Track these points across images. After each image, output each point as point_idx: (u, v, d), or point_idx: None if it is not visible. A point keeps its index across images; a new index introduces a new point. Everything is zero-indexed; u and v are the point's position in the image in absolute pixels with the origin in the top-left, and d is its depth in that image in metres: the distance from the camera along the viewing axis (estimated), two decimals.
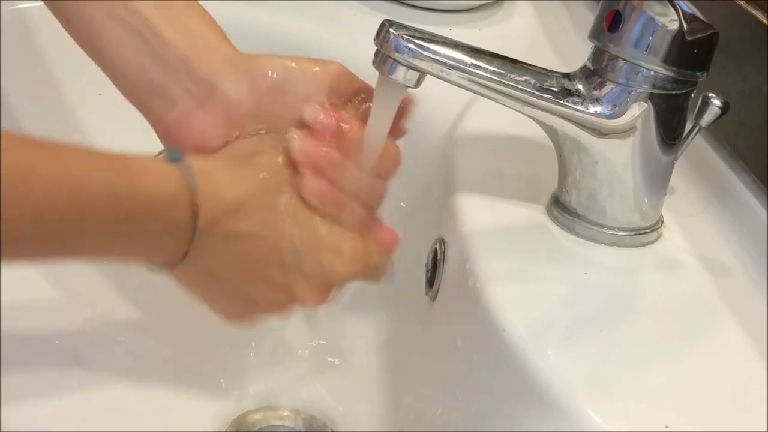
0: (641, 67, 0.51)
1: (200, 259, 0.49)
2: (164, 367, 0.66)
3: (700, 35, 0.50)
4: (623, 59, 0.51)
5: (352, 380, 0.67)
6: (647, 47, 0.50)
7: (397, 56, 0.51)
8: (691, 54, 0.51)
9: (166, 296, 0.70)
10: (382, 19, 0.52)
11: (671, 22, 0.50)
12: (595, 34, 0.52)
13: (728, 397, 0.45)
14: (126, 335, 0.67)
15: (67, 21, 0.54)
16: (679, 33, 0.50)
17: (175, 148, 0.48)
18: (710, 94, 0.53)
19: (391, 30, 0.51)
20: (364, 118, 0.53)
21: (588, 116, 0.52)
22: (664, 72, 0.51)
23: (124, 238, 0.46)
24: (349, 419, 0.64)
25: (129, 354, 0.66)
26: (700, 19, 0.50)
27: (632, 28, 0.50)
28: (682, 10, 0.50)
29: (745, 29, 0.58)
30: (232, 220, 0.49)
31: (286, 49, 0.76)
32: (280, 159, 0.52)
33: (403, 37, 0.51)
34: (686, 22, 0.50)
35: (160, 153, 0.50)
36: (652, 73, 0.51)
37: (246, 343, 0.69)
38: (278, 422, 0.64)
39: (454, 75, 0.52)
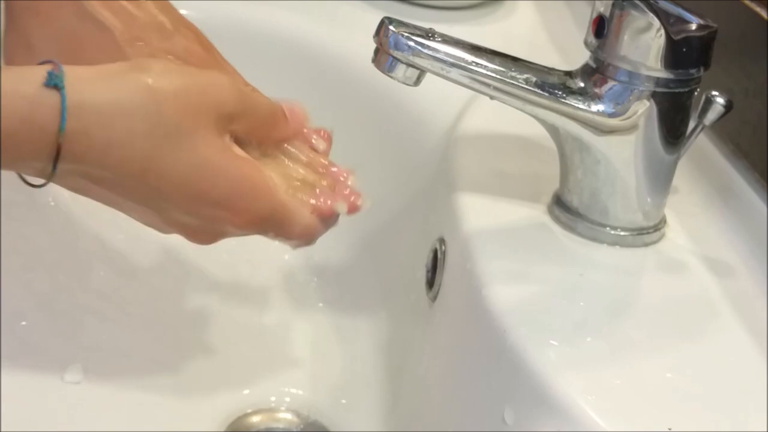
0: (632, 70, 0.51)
1: (68, 180, 0.47)
2: (163, 367, 0.66)
3: (686, 34, 0.50)
4: (612, 64, 0.51)
5: (352, 380, 0.67)
6: (634, 52, 0.50)
7: (397, 54, 0.51)
8: (681, 53, 0.50)
9: (166, 296, 0.70)
10: (382, 17, 0.52)
11: (653, 26, 0.49)
12: (587, 38, 0.52)
13: (731, 397, 0.45)
14: (125, 335, 0.67)
15: None
16: (664, 35, 0.49)
17: (58, 68, 0.44)
18: (714, 93, 0.53)
19: (391, 27, 0.51)
20: None
21: (590, 114, 0.52)
22: (656, 74, 0.50)
23: None
24: (349, 419, 0.64)
25: (128, 355, 0.66)
26: (684, 19, 0.50)
27: (617, 35, 0.50)
28: (666, 12, 0.50)
29: (750, 27, 0.57)
30: (107, 161, 0.45)
31: (286, 47, 0.77)
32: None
33: (402, 35, 0.51)
34: (669, 24, 0.49)
35: (43, 63, 0.45)
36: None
37: (245, 343, 0.68)
38: (277, 423, 0.64)
39: (454, 73, 0.51)
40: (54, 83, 0.43)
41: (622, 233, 0.54)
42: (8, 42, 0.52)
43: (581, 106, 0.52)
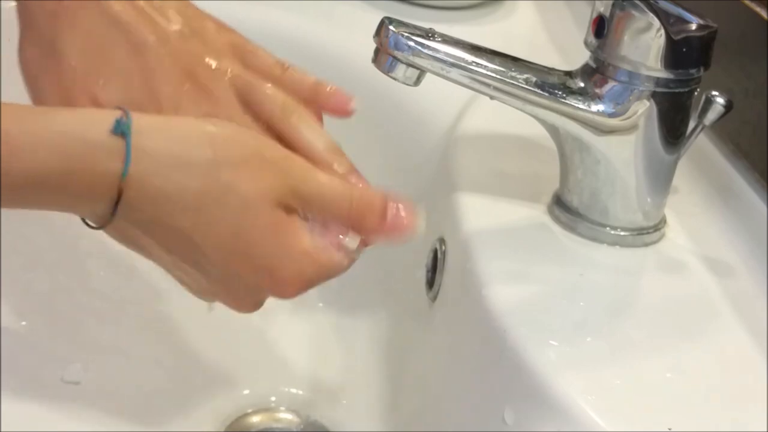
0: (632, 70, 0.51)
1: (120, 227, 0.46)
2: (162, 367, 0.66)
3: (686, 34, 0.50)
4: (612, 64, 0.51)
5: (352, 380, 0.67)
6: (634, 52, 0.50)
7: (397, 54, 0.51)
8: (681, 53, 0.50)
9: (166, 296, 0.70)
10: (382, 17, 0.52)
11: (653, 26, 0.49)
12: (587, 38, 0.52)
13: (731, 397, 0.45)
14: (125, 335, 0.67)
15: None
16: (664, 35, 0.49)
17: (127, 116, 0.44)
18: (714, 93, 0.53)
19: (391, 27, 0.51)
20: None
21: (590, 114, 0.51)
22: (656, 74, 0.50)
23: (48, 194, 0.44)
24: (349, 419, 0.64)
25: (128, 355, 0.66)
26: (684, 19, 0.50)
27: (617, 35, 0.50)
28: (666, 12, 0.50)
29: (750, 27, 0.57)
30: (157, 213, 0.45)
31: (285, 47, 0.76)
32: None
33: (402, 35, 0.51)
34: (669, 24, 0.49)
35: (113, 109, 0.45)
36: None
37: (245, 343, 0.68)
38: (277, 423, 0.64)
39: (454, 73, 0.51)
40: (121, 131, 0.43)
41: (622, 233, 0.54)
42: (30, 56, 0.51)
43: (581, 106, 0.51)
